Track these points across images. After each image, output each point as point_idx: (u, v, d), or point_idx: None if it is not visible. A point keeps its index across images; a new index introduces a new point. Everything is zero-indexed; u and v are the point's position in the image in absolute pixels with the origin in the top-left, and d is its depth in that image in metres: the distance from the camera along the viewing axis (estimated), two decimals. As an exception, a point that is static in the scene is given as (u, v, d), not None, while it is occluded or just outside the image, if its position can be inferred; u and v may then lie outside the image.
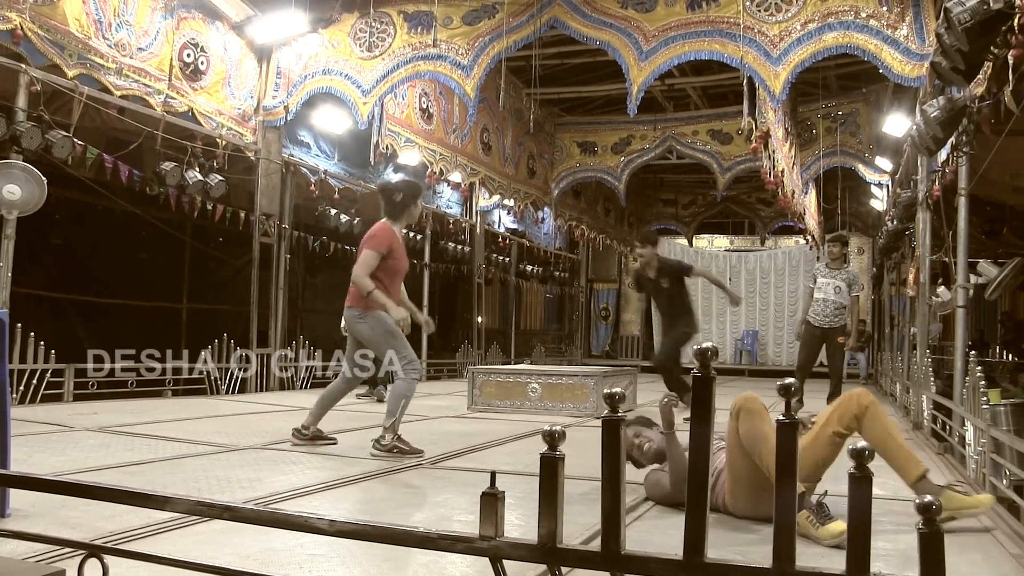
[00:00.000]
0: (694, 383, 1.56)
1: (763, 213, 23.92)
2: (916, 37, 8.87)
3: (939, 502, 1.38)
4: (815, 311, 9.93)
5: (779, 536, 1.49)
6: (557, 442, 1.63)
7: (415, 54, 11.16)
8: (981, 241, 13.16)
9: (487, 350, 17.97)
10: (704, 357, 1.55)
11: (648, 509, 4.25)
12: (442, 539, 1.71)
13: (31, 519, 3.50)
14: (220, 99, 10.96)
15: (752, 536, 3.74)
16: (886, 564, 3.23)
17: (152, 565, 2.28)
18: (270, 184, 11.85)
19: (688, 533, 1.55)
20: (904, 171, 12.73)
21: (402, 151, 13.10)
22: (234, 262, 13.16)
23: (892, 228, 13.51)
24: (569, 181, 18.67)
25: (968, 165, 7.85)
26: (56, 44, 8.57)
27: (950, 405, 7.06)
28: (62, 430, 6.76)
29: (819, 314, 9.90)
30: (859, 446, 1.44)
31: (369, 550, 3.15)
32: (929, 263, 10.24)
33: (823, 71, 13.95)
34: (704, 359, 1.54)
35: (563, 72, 15.86)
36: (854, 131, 16.38)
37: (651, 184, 24.41)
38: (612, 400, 1.62)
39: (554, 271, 22.67)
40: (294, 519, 1.87)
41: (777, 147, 11.49)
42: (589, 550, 1.63)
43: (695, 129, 17.61)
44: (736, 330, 24.27)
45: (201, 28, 10.57)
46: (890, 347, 17.64)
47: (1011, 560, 3.47)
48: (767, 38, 9.65)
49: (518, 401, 9.57)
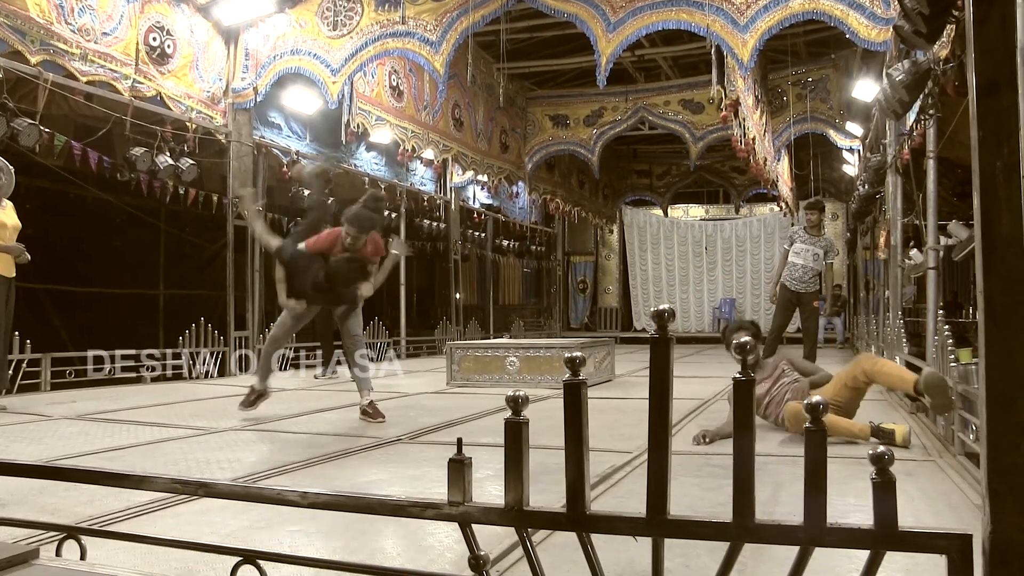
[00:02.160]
0: (651, 344, 1.59)
1: (737, 181, 23.98)
2: (881, 1, 8.91)
3: (891, 452, 1.43)
4: (791, 275, 10.01)
5: (739, 490, 1.53)
6: (521, 407, 1.66)
7: (383, 31, 11.09)
8: (952, 203, 13.27)
9: (466, 326, 18.00)
10: (662, 319, 1.58)
11: (623, 477, 4.30)
12: (412, 506, 1.74)
13: (9, 507, 3.52)
14: (188, 82, 10.88)
15: (725, 498, 3.79)
16: (856, 520, 3.29)
17: (132, 545, 2.30)
18: (242, 166, 11.79)
19: (651, 492, 1.59)
20: (874, 135, 12.80)
21: (373, 129, 13.06)
22: (209, 246, 13.08)
23: (863, 192, 13.60)
24: (542, 155, 18.64)
25: (935, 128, 7.92)
26: (17, 30, 8.46)
27: (921, 365, 7.15)
28: (40, 419, 6.75)
29: (795, 279, 9.99)
30: (813, 400, 1.49)
31: (349, 524, 3.18)
32: (900, 226, 10.33)
33: (792, 38, 13.97)
34: (661, 320, 1.58)
35: (533, 46, 15.81)
36: (824, 97, 16.42)
37: (624, 156, 24.42)
38: (573, 364, 1.66)
39: (530, 245, 22.67)
40: (267, 493, 1.91)
41: (747, 115, 11.52)
42: (556, 511, 1.66)
43: (667, 99, 17.61)
44: (713, 298, 24.39)
45: (166, 11, 10.47)
46: (865, 311, 17.78)
47: (974, 509, 3.54)
48: (733, 6, 9.66)
49: (496, 375, 9.62)
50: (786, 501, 3.67)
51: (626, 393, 8.81)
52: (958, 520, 3.39)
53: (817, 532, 1.49)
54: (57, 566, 1.89)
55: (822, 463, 1.49)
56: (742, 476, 1.52)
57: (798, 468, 4.29)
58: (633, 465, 4.58)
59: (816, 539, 1.49)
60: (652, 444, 1.59)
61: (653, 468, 1.60)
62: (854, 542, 1.48)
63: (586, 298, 25.90)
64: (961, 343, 6.78)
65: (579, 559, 1.69)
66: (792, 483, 4.07)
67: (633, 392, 8.93)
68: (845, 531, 1.49)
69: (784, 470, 4.35)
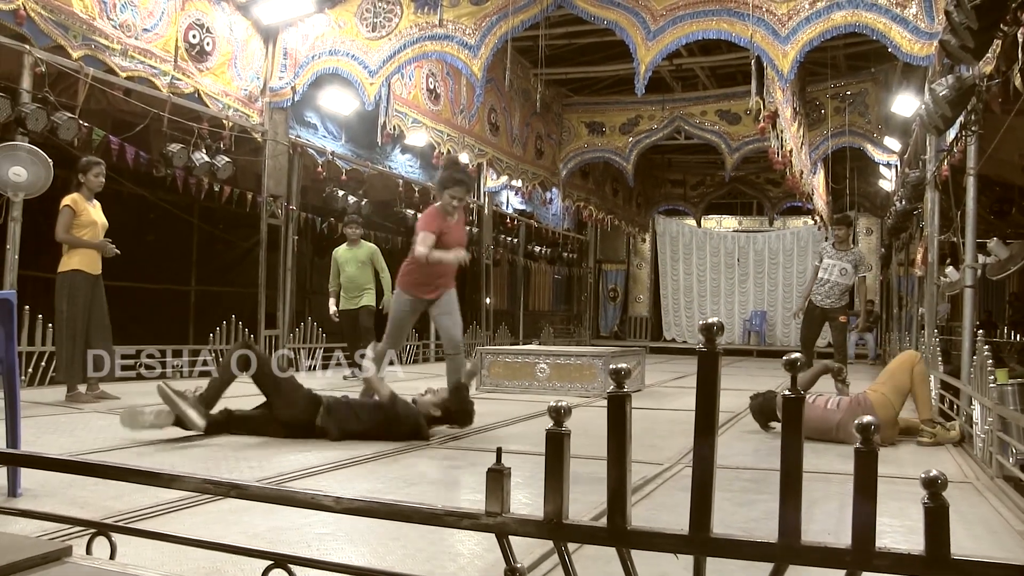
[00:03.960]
0: (699, 358, 1.55)
1: (771, 193, 23.82)
2: (925, 16, 8.81)
3: (944, 476, 1.38)
4: (818, 292, 9.98)
5: (785, 510, 1.49)
6: (563, 418, 1.63)
7: (421, 34, 11.10)
8: (989, 221, 13.11)
9: (495, 331, 17.97)
10: (710, 332, 1.54)
11: (655, 489, 4.26)
12: (448, 516, 1.71)
13: (40, 499, 3.53)
14: (226, 80, 10.94)
15: (759, 513, 3.74)
16: (892, 540, 3.23)
17: (160, 543, 2.29)
18: (277, 165, 11.84)
19: (694, 509, 1.55)
20: (912, 151, 12.66)
21: (409, 132, 13.07)
22: (242, 244, 13.14)
23: (900, 208, 13.44)
24: (577, 162, 18.59)
25: (976, 144, 7.80)
26: (60, 25, 8.54)
27: (958, 384, 7.05)
28: (71, 411, 6.79)
29: (820, 295, 9.95)
30: (864, 420, 1.44)
31: (376, 528, 3.16)
32: (937, 243, 10.21)
33: (832, 51, 13.87)
34: (710, 334, 1.54)
35: (570, 52, 15.80)
36: (863, 111, 16.28)
37: (659, 165, 24.31)
38: (618, 376, 1.62)
39: (562, 252, 22.61)
40: (300, 496, 1.88)
41: (785, 127, 11.43)
42: (595, 526, 1.63)
43: (703, 109, 17.52)
44: (744, 310, 24.25)
45: (207, 8, 10.53)
46: (898, 327, 17.60)
47: (1015, 535, 3.47)
48: (775, 17, 9.59)
49: (526, 381, 9.59)
50: (819, 519, 3.62)
51: (657, 404, 8.75)
52: (999, 546, 3.32)
53: (866, 556, 1.44)
54: (89, 565, 1.87)
55: (872, 484, 1.44)
56: (790, 495, 1.48)
57: (831, 485, 4.27)
58: (664, 477, 4.54)
59: (864, 563, 1.44)
60: (697, 459, 1.55)
61: (697, 483, 1.55)
62: (904, 568, 1.42)
63: (616, 306, 25.81)
64: (996, 364, 6.68)
65: (613, 571, 1.65)
66: (825, 501, 4.01)
67: (664, 403, 8.87)
68: (895, 556, 1.44)
69: (817, 487, 4.28)
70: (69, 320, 7.35)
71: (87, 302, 7.45)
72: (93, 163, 7.63)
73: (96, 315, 7.54)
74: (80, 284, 7.41)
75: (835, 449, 5.55)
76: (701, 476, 1.55)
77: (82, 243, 7.44)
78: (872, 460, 1.45)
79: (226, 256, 13.77)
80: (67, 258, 7.44)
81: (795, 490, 1.48)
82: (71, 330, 7.34)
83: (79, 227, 7.44)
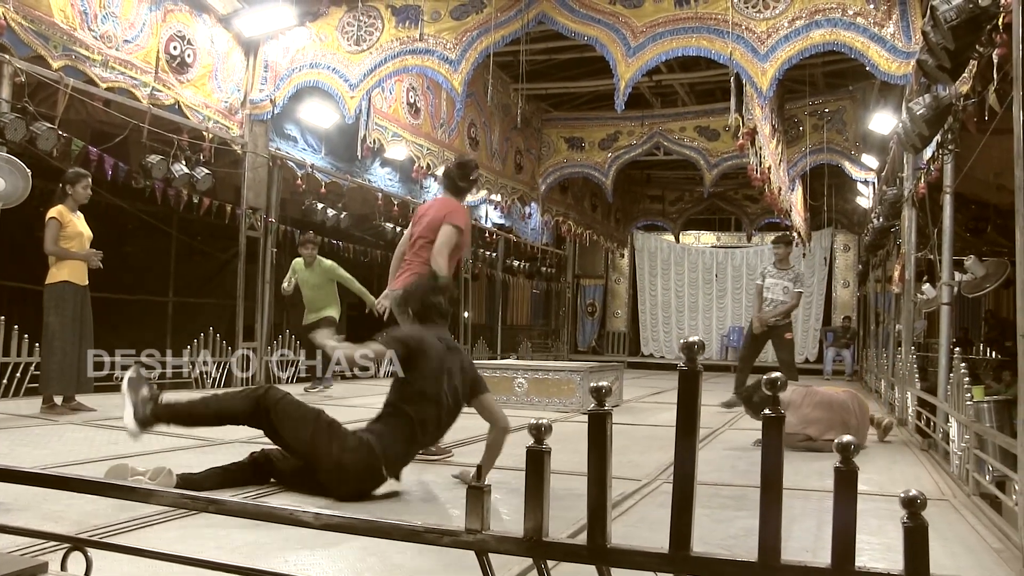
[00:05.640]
0: (680, 377, 1.56)
1: (750, 210, 23.95)
2: (902, 35, 8.89)
3: (923, 496, 1.39)
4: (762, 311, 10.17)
5: (766, 530, 1.50)
6: (543, 436, 1.63)
7: (403, 48, 11.12)
8: (965, 239, 13.20)
9: (473, 345, 17.95)
10: (691, 351, 1.55)
11: (633, 505, 4.26)
12: (428, 532, 1.71)
13: (14, 513, 3.48)
14: (207, 92, 10.91)
15: (737, 530, 3.75)
16: (870, 558, 3.24)
17: (137, 558, 2.27)
18: (257, 178, 11.81)
19: (674, 527, 1.55)
20: (890, 168, 12.76)
21: (389, 145, 13.08)
22: (220, 255, 13.09)
23: (878, 225, 13.54)
24: (556, 176, 18.64)
25: (953, 163, 7.88)
26: (40, 35, 8.50)
27: (934, 401, 7.10)
28: (45, 423, 6.73)
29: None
30: (845, 439, 1.45)
31: (354, 543, 3.14)
32: (914, 260, 10.28)
33: (810, 68, 13.96)
34: (691, 353, 1.55)
35: (551, 67, 15.83)
36: (840, 128, 16.41)
37: (638, 180, 24.40)
38: (599, 394, 1.63)
39: (541, 266, 22.59)
40: (279, 512, 1.87)
41: (764, 144, 11.50)
42: (575, 543, 1.63)
43: (682, 125, 17.61)
44: (722, 326, 24.33)
45: (188, 21, 10.51)
46: (875, 344, 17.69)
47: (992, 553, 3.49)
48: (754, 35, 9.65)
49: (504, 396, 9.55)
50: (798, 536, 3.62)
51: (635, 419, 8.75)
52: (978, 564, 3.34)
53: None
54: (65, 581, 1.85)
55: (852, 504, 1.45)
56: (770, 516, 1.48)
57: (809, 503, 4.28)
58: (643, 493, 4.54)
59: (844, 583, 1.45)
60: (677, 477, 1.56)
61: (677, 502, 1.56)
62: (883, 587, 1.43)
63: (594, 321, 25.84)
64: (973, 381, 6.73)
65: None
66: (804, 518, 4.02)
67: (642, 418, 8.88)
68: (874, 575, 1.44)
69: (795, 504, 4.29)
70: (60, 332, 7.32)
71: (76, 313, 7.44)
72: (81, 175, 7.63)
73: (85, 325, 7.54)
74: (69, 295, 7.40)
75: (813, 465, 5.57)
76: (681, 495, 1.56)
77: (71, 255, 7.43)
78: (852, 479, 1.45)
79: (204, 268, 13.71)
80: (55, 270, 7.41)
81: (775, 511, 1.49)
82: (61, 341, 7.31)
83: (66, 239, 7.42)
